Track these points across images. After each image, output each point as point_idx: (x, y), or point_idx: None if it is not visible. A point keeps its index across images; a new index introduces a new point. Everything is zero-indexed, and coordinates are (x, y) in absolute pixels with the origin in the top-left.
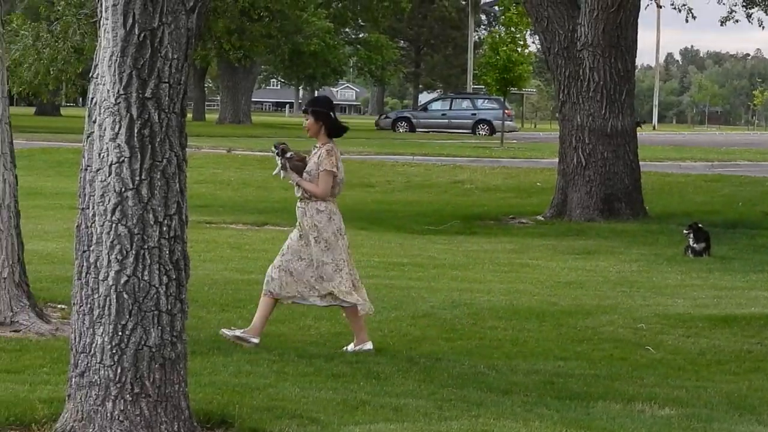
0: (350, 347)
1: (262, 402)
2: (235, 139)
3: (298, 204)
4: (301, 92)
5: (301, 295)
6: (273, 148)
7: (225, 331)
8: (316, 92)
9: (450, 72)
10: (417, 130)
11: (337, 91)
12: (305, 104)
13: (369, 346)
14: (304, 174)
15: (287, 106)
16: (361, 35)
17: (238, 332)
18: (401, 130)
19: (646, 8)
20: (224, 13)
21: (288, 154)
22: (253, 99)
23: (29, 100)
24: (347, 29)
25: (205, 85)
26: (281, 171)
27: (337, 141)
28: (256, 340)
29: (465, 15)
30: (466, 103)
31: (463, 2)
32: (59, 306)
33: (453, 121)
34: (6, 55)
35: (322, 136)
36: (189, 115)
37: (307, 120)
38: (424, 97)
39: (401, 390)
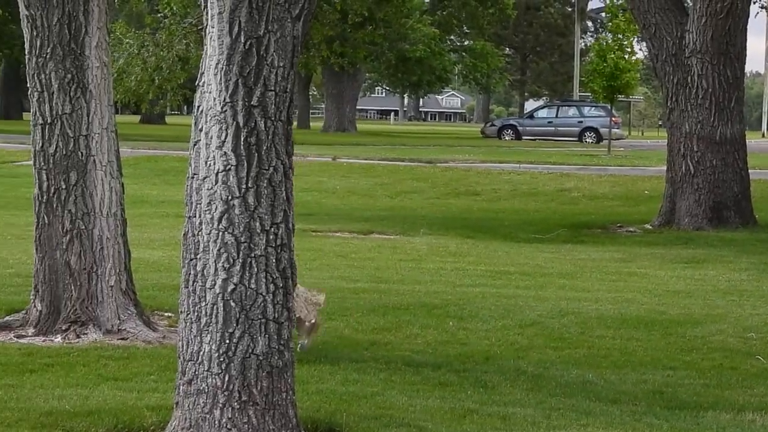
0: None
1: (370, 410)
2: (340, 147)
3: None
4: (405, 100)
5: None
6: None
7: None
8: (420, 100)
9: (556, 79)
10: (523, 137)
11: (443, 98)
12: None
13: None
14: None
15: (392, 114)
16: (466, 43)
17: None
18: (507, 138)
19: (755, 16)
20: (324, 20)
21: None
22: (357, 107)
23: (135, 108)
24: (452, 37)
25: (310, 93)
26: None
27: (439, 149)
28: None
29: (571, 22)
30: (572, 111)
31: (569, 9)
32: (166, 314)
33: (559, 128)
34: (111, 64)
35: None
36: (294, 123)
37: None
38: (529, 105)
39: (509, 399)
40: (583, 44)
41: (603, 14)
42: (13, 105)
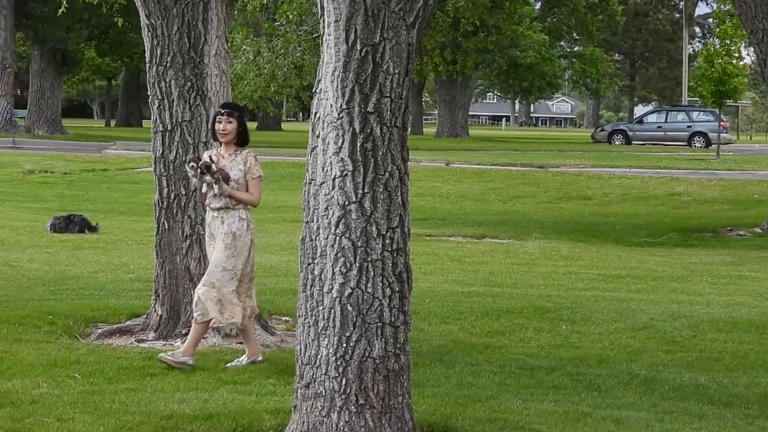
0: (242, 360)
1: (485, 413)
2: (453, 152)
3: (214, 214)
4: (517, 105)
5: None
6: (190, 167)
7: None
8: (531, 105)
9: (665, 84)
10: (633, 142)
11: (553, 104)
12: (226, 107)
13: (260, 357)
14: (231, 183)
15: (503, 119)
16: (576, 49)
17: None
18: (617, 143)
19: None
20: (437, 27)
21: (213, 168)
22: (469, 113)
23: (252, 114)
24: (562, 43)
25: (423, 100)
26: (215, 186)
27: (550, 153)
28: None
29: (679, 28)
30: (681, 116)
31: (677, 15)
32: (283, 318)
33: (668, 133)
34: (229, 70)
35: (232, 143)
36: (408, 129)
37: (229, 123)
38: (639, 110)
39: (622, 402)
40: (691, 50)
41: (710, 20)
42: (133, 113)
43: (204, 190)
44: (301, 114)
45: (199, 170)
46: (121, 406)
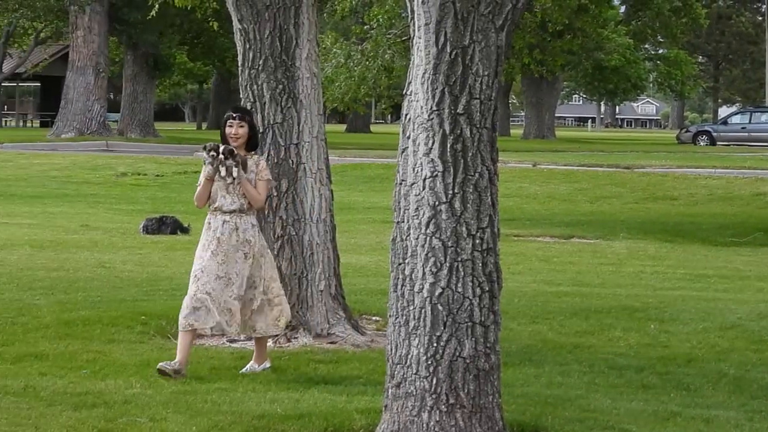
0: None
1: (574, 413)
2: (540, 153)
3: (225, 218)
4: (602, 107)
5: (218, 324)
6: (209, 154)
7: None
8: (617, 107)
9: (748, 86)
10: (717, 143)
11: (638, 105)
12: (237, 111)
13: (267, 364)
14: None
15: (589, 121)
16: (660, 51)
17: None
18: (702, 144)
19: None
20: (526, 29)
21: (235, 154)
22: (556, 114)
23: (341, 117)
24: (647, 45)
25: (510, 102)
26: (234, 170)
27: (636, 154)
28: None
29: (762, 30)
30: (765, 117)
31: (759, 18)
32: (374, 318)
33: (753, 134)
34: (320, 73)
35: (242, 147)
36: None
37: (241, 127)
38: (723, 111)
39: (711, 401)
40: None
41: None
42: (223, 116)
43: (223, 174)
44: (389, 116)
45: (222, 155)
46: (213, 406)
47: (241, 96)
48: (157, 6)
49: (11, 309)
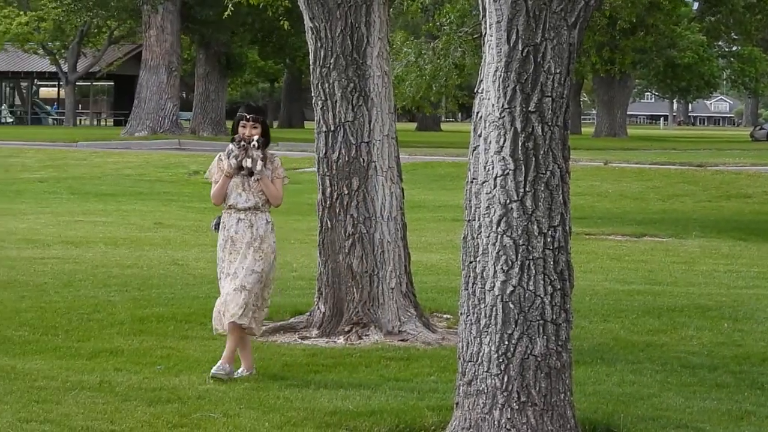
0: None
1: (647, 412)
2: (611, 151)
3: (240, 216)
4: (674, 105)
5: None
6: (239, 145)
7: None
8: (689, 105)
9: None
10: None
11: (711, 103)
12: (251, 111)
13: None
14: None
15: (661, 119)
16: (734, 48)
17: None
18: None
19: None
20: (595, 27)
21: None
22: (627, 112)
23: (411, 115)
24: (720, 43)
25: (581, 100)
26: (258, 163)
27: (708, 152)
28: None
29: None
30: None
31: None
32: (444, 316)
33: None
34: (391, 71)
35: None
36: None
37: (254, 129)
38: None
39: None
40: None
41: None
42: (295, 114)
43: (249, 164)
44: (459, 114)
45: (252, 144)
46: (286, 402)
47: (312, 94)
48: (231, 5)
49: (87, 305)
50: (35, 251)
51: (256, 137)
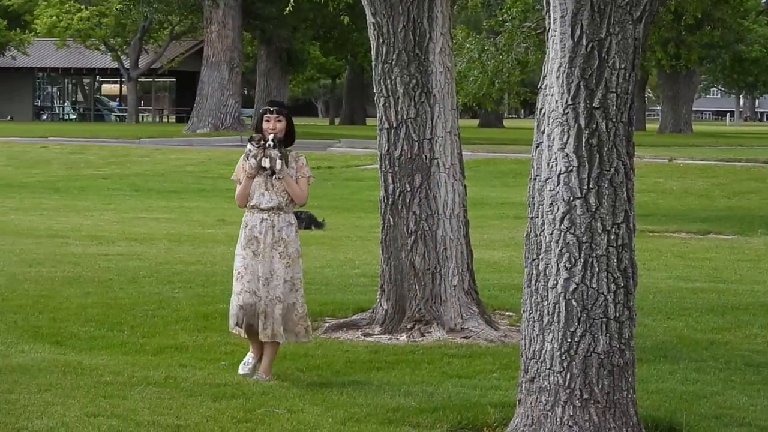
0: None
1: (710, 410)
2: (676, 148)
3: (263, 216)
4: (741, 100)
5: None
6: (257, 144)
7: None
8: (756, 100)
9: None
10: None
11: None
12: (275, 105)
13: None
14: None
15: (727, 114)
16: None
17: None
18: None
19: None
20: (660, 22)
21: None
22: (693, 108)
23: (473, 112)
24: None
25: (646, 96)
26: (278, 162)
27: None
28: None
29: None
30: None
31: None
32: (507, 313)
33: None
34: (454, 67)
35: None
36: None
37: (279, 122)
38: None
39: None
40: None
41: None
42: (357, 111)
43: (267, 164)
44: (522, 110)
45: (271, 142)
46: (349, 398)
47: (374, 90)
48: (292, 1)
49: (152, 302)
50: (100, 248)
51: (271, 136)
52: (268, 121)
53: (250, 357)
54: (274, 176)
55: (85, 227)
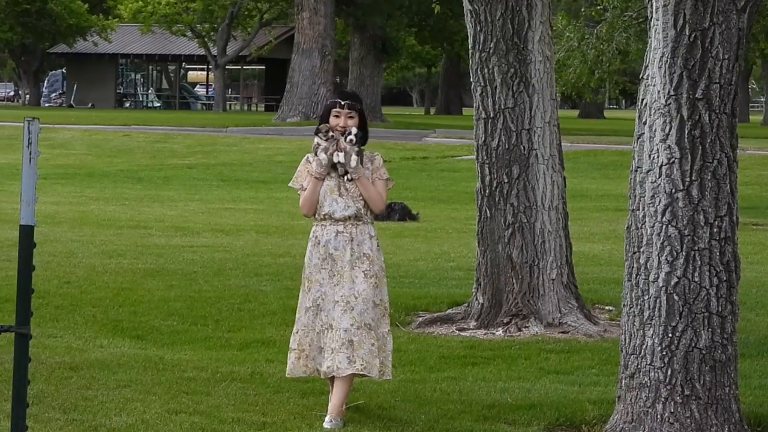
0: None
1: None
2: None
3: (338, 228)
4: None
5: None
6: (326, 137)
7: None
8: None
9: None
10: None
11: None
12: (346, 97)
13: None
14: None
15: None
16: None
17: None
18: None
19: None
20: (764, 12)
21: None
22: None
23: (573, 102)
24: None
25: (750, 86)
26: (352, 159)
27: None
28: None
29: None
30: None
31: None
32: (606, 307)
33: None
34: (554, 56)
35: None
36: None
37: (350, 118)
38: None
39: None
40: None
41: None
42: (453, 100)
43: (341, 160)
44: (624, 101)
45: (349, 138)
46: (443, 395)
47: (471, 80)
48: None
49: (238, 295)
50: (184, 239)
51: (354, 130)
52: (337, 116)
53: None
54: (346, 177)
55: (169, 218)
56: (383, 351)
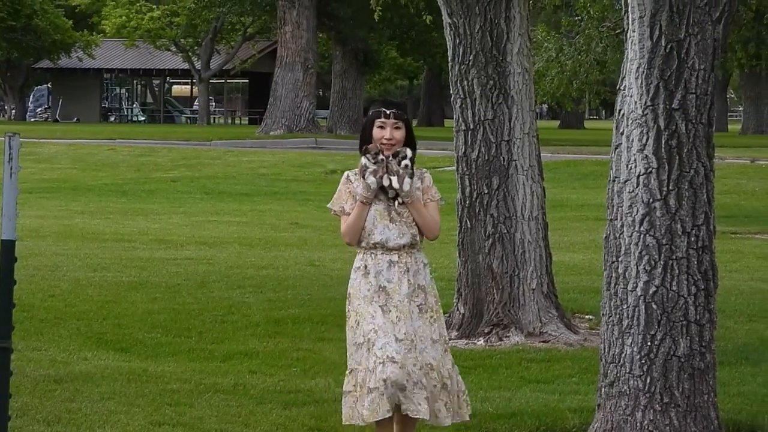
0: None
1: None
2: (759, 149)
3: (392, 258)
4: None
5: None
6: (380, 157)
7: None
8: None
9: None
10: None
11: None
12: (391, 106)
13: None
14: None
15: None
16: None
17: None
18: None
19: None
20: (740, 22)
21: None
22: None
23: (554, 113)
24: None
25: (728, 96)
26: (405, 181)
27: None
28: None
29: None
30: None
31: None
32: (586, 316)
33: None
34: (532, 68)
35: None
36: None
37: (397, 129)
38: None
39: None
40: None
41: None
42: (435, 112)
43: (395, 185)
44: (603, 111)
45: (403, 162)
46: None
47: (451, 92)
48: (379, 8)
49: (221, 307)
50: (168, 252)
51: (408, 152)
52: (382, 127)
53: None
54: (397, 201)
55: (153, 231)
56: (453, 393)
